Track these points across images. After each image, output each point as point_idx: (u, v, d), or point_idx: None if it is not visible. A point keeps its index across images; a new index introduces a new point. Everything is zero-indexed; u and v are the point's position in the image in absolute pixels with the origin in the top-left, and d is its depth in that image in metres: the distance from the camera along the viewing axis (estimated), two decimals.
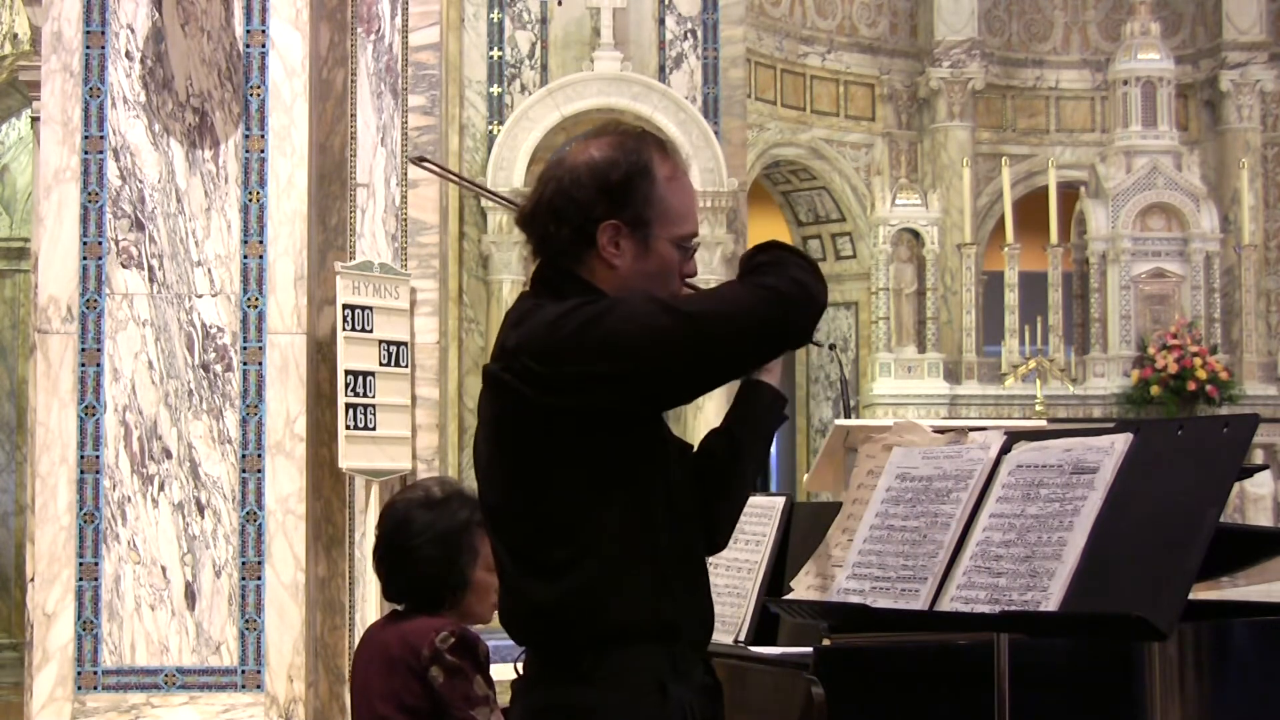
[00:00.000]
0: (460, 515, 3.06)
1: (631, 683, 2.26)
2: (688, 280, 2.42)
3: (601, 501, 2.27)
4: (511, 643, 2.39)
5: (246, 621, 5.46)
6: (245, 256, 5.56)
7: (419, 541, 3.03)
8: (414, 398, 6.10)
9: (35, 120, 6.86)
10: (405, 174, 6.04)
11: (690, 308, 2.28)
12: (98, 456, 5.47)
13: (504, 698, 3.18)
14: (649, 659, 2.27)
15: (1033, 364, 12.10)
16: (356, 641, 4.96)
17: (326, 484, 5.82)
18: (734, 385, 2.49)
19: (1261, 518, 11.13)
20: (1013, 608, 2.31)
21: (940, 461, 2.57)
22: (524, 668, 2.38)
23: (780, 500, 3.34)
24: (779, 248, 2.37)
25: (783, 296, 2.27)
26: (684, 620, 2.32)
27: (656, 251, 2.35)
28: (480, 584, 3.06)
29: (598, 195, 2.33)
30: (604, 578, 2.26)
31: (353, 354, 5.84)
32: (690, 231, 2.39)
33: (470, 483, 2.67)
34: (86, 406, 5.49)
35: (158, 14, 5.56)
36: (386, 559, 3.10)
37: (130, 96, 5.56)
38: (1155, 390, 11.79)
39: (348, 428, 5.78)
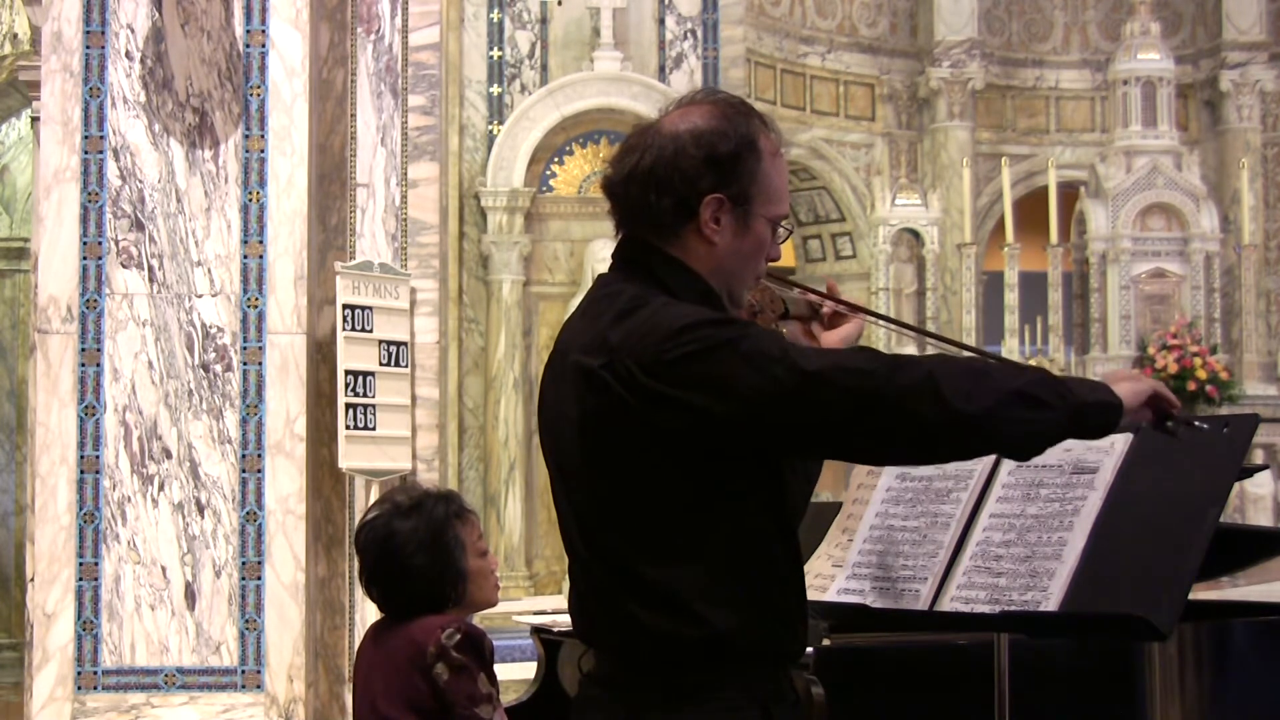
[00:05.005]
0: (438, 512, 3.03)
1: (735, 704, 2.14)
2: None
3: (706, 519, 2.14)
4: (512, 643, 2.37)
5: (246, 621, 5.46)
6: (245, 256, 5.56)
7: (409, 552, 2.98)
8: (414, 398, 6.09)
9: (35, 120, 6.86)
10: (405, 174, 6.04)
11: (811, 365, 2.07)
12: (98, 456, 5.47)
13: (507, 696, 3.19)
14: (754, 680, 2.16)
15: (1033, 364, 12.09)
16: (357, 641, 4.97)
17: (326, 484, 5.82)
18: None
19: (1261, 518, 11.12)
20: (1013, 608, 2.31)
21: None
22: (599, 672, 2.25)
23: None
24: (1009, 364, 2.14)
25: (923, 382, 2.03)
26: (789, 638, 2.22)
27: (754, 231, 2.23)
28: (476, 571, 3.04)
29: (705, 167, 2.21)
30: (711, 597, 2.12)
31: (353, 354, 5.84)
32: (785, 213, 2.28)
33: (469, 483, 2.65)
34: (86, 406, 5.49)
35: (158, 14, 5.56)
36: (379, 579, 3.03)
37: (130, 96, 5.55)
38: None
39: (348, 428, 5.78)
